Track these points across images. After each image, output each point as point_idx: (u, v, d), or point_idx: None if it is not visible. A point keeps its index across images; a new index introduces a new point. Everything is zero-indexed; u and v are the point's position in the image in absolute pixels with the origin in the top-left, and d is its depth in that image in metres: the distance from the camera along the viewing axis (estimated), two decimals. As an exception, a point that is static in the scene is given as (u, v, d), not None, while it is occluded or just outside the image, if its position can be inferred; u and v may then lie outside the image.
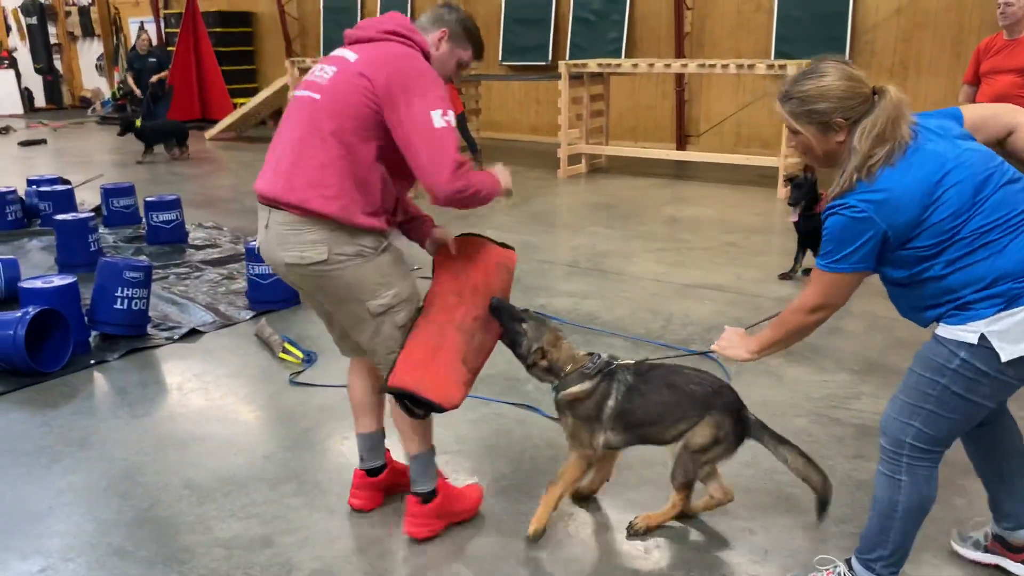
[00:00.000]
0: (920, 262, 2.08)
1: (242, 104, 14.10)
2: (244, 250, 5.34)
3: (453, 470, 3.20)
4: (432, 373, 2.54)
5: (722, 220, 7.52)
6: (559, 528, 2.84)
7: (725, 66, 8.92)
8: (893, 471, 2.24)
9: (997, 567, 2.56)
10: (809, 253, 5.60)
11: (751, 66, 8.75)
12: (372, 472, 2.94)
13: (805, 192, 5.34)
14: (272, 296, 5.16)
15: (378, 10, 14.69)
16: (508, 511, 2.94)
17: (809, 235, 5.52)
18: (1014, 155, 2.24)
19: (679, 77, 11.38)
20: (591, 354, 2.80)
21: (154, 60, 12.63)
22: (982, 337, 2.01)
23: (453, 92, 9.97)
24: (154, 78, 12.51)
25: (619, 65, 10.03)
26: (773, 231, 7.00)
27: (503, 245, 2.83)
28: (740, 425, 2.71)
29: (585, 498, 3.01)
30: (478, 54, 2.73)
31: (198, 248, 6.71)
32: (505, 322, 2.73)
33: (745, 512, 2.91)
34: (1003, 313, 2.00)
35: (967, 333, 2.04)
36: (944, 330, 2.10)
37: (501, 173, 2.67)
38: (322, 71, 2.53)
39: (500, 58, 13.36)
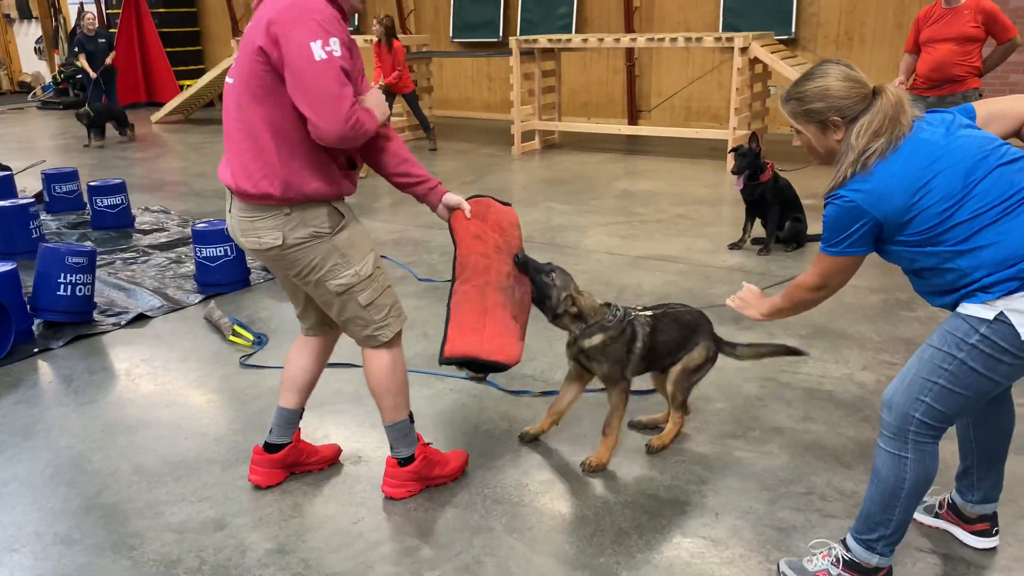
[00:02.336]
0: (923, 245, 2.10)
1: (189, 86, 13.77)
2: (192, 233, 5.24)
3: (407, 446, 3.20)
4: (488, 335, 2.64)
5: (673, 193, 7.58)
6: (512, 496, 2.85)
7: (674, 40, 8.95)
8: (899, 448, 2.20)
9: (946, 532, 2.60)
10: (758, 222, 5.69)
11: (699, 39, 8.78)
12: (272, 448, 2.92)
13: (749, 161, 5.42)
14: (221, 279, 5.08)
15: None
16: (461, 483, 2.95)
17: (755, 204, 5.60)
18: None
19: (629, 52, 11.40)
20: (608, 304, 3.03)
21: (103, 41, 12.19)
22: (1001, 314, 2.02)
23: (405, 71, 9.86)
24: (108, 59, 12.02)
25: (569, 41, 10.01)
26: (723, 202, 7.08)
27: (503, 203, 2.91)
28: (717, 344, 3.16)
29: (534, 439, 3.21)
30: None
31: (145, 232, 6.57)
32: (533, 275, 2.89)
33: (695, 476, 2.96)
34: (1021, 293, 2.00)
35: (986, 309, 2.04)
36: (964, 307, 2.10)
37: (373, 98, 2.56)
38: (236, 52, 2.49)
39: (451, 35, 13.24)
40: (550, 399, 3.55)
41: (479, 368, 2.71)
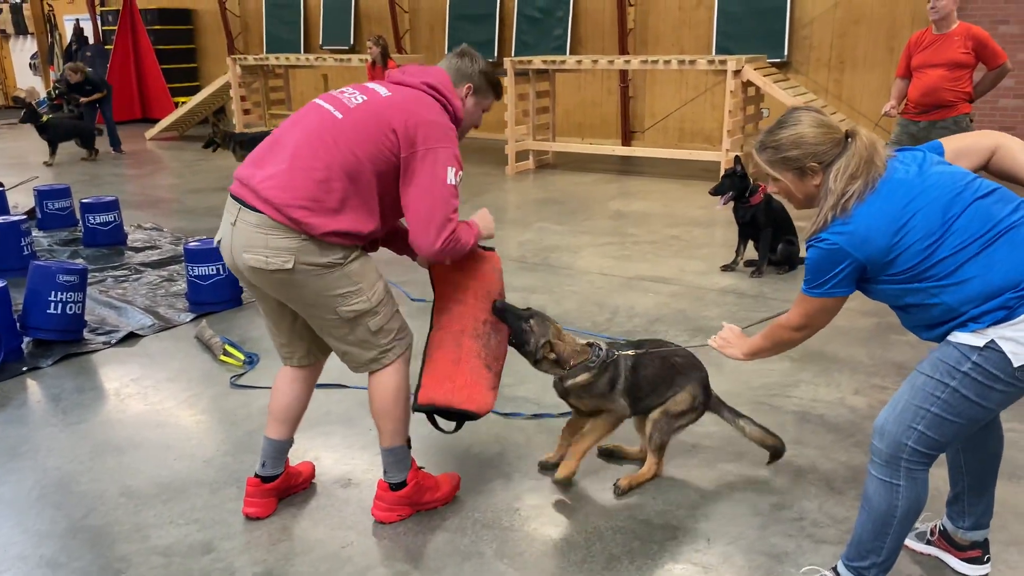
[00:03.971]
0: (907, 282, 2.12)
1: (183, 103, 13.80)
2: (184, 251, 5.22)
3: (398, 468, 3.18)
4: (459, 384, 2.66)
5: (666, 214, 7.60)
6: (502, 521, 2.83)
7: (667, 62, 9.02)
8: (891, 476, 2.20)
9: (937, 559, 2.59)
10: (751, 244, 5.71)
11: (692, 62, 8.86)
12: (267, 479, 2.89)
13: (733, 183, 5.46)
14: (213, 298, 5.07)
15: (321, 6, 14.52)
16: (452, 508, 2.93)
17: (748, 226, 5.63)
18: (1000, 175, 2.28)
19: (623, 73, 11.47)
20: (590, 345, 2.99)
21: (89, 88, 11.55)
22: (991, 342, 2.03)
23: None
24: (84, 100, 11.67)
25: (564, 62, 10.08)
26: (715, 224, 7.10)
27: (485, 248, 2.89)
28: (707, 396, 3.09)
29: (554, 467, 3.12)
30: (499, 96, 2.87)
31: (137, 250, 6.56)
32: (511, 322, 2.86)
33: (687, 500, 2.95)
34: (1009, 322, 2.02)
35: (977, 338, 2.05)
36: (955, 336, 2.11)
37: (483, 219, 2.80)
38: (352, 94, 2.58)
39: (446, 54, 13.29)
40: (542, 422, 3.54)
41: (451, 417, 2.73)
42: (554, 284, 5.49)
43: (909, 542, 2.64)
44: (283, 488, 2.95)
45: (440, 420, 2.86)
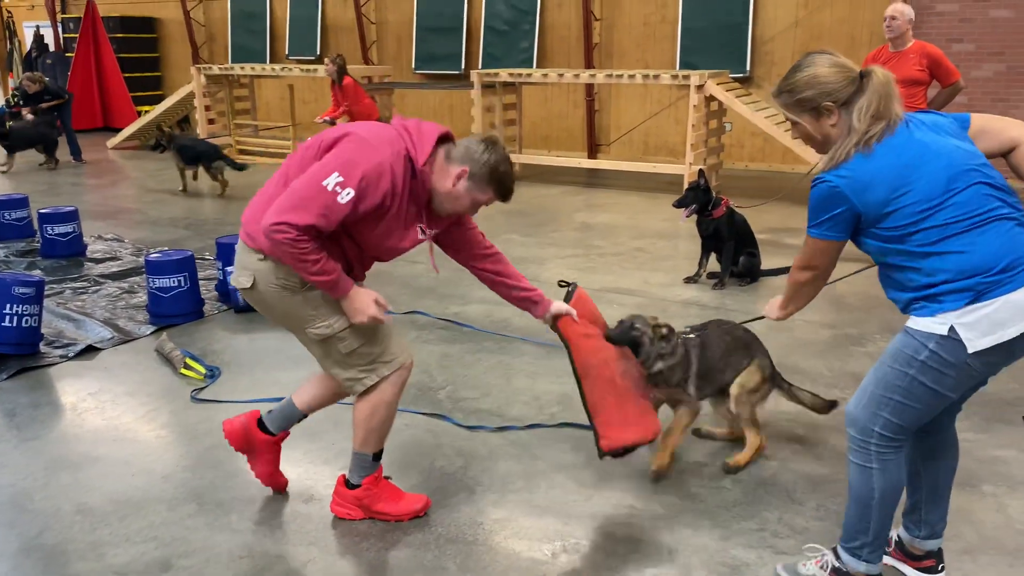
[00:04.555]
0: (892, 242, 2.19)
1: (147, 112, 13.63)
2: (144, 263, 5.15)
3: (361, 483, 3.16)
4: (632, 423, 2.98)
5: (631, 226, 7.67)
6: (466, 535, 2.83)
7: (632, 76, 9.11)
8: (864, 460, 2.32)
9: (894, 569, 2.64)
10: (713, 256, 5.77)
11: (656, 76, 8.96)
12: (270, 432, 3.00)
13: (697, 196, 5.53)
14: (174, 310, 5.00)
15: (287, 16, 14.46)
16: (415, 522, 2.91)
17: (710, 239, 5.69)
18: (1015, 170, 2.33)
19: (589, 87, 11.56)
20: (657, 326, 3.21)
21: (48, 97, 11.44)
22: (951, 329, 2.11)
23: (361, 105, 9.89)
24: (44, 105, 11.47)
25: (530, 75, 10.13)
26: (679, 236, 7.17)
27: (572, 286, 3.21)
28: (773, 366, 3.38)
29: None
30: (503, 197, 2.71)
31: (97, 261, 6.45)
32: (622, 340, 3.13)
33: (650, 512, 2.97)
34: (972, 306, 2.09)
35: (937, 324, 2.13)
36: (914, 322, 2.20)
37: (363, 299, 2.60)
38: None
39: (413, 67, 13.31)
40: (506, 434, 3.54)
41: (631, 451, 3.04)
42: (520, 296, 5.49)
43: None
44: (249, 448, 3.03)
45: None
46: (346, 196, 2.42)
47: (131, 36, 15.98)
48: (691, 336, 3.25)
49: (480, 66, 12.30)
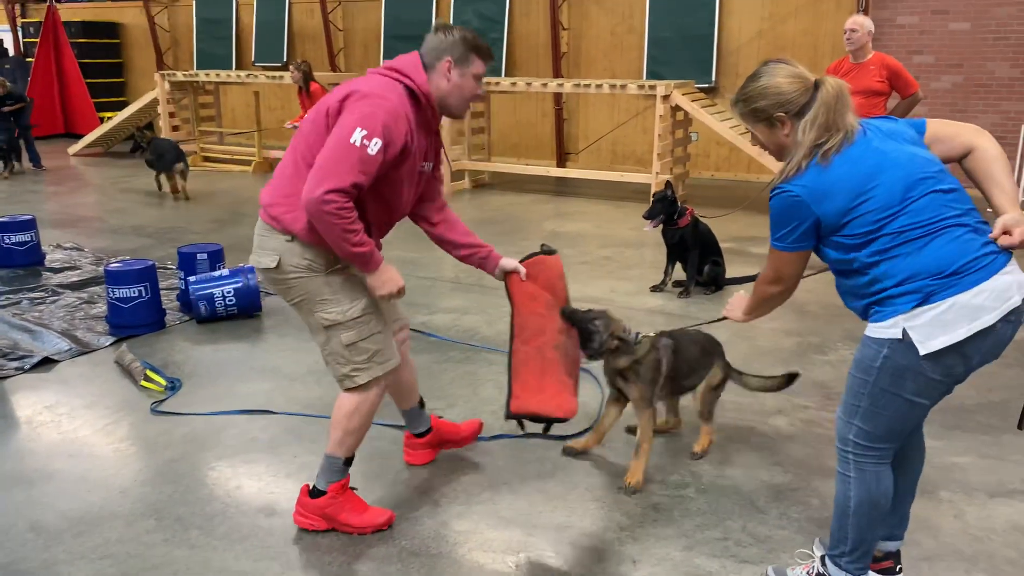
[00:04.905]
0: (850, 250, 2.21)
1: (109, 118, 13.43)
2: (104, 272, 5.06)
3: (324, 496, 3.12)
4: (548, 394, 2.89)
5: (599, 235, 7.70)
6: (430, 548, 2.81)
7: (599, 86, 9.16)
8: (844, 468, 2.37)
9: None
10: (679, 265, 5.81)
11: (623, 86, 9.02)
12: (418, 435, 3.30)
13: (662, 207, 5.56)
14: (134, 321, 4.91)
15: (254, 23, 14.35)
16: (380, 537, 2.88)
17: (676, 248, 5.73)
18: (971, 175, 2.32)
19: (557, 96, 11.61)
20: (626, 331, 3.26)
21: (11, 102, 11.25)
22: (904, 332, 2.14)
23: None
24: (7, 109, 11.26)
25: (499, 83, 10.14)
26: (646, 245, 7.21)
27: (548, 252, 3.13)
28: (727, 363, 3.51)
29: (578, 454, 3.45)
30: (488, 57, 2.77)
31: (55, 271, 6.32)
32: (579, 324, 3.10)
33: (614, 522, 2.97)
34: (921, 308, 2.12)
35: (890, 329, 2.17)
36: (871, 329, 2.24)
37: (392, 271, 2.71)
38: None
39: (381, 74, 13.26)
40: (471, 445, 3.52)
41: (541, 420, 2.96)
42: (487, 305, 5.49)
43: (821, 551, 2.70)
44: (437, 441, 3.34)
45: (528, 423, 3.06)
46: (375, 147, 2.48)
47: (94, 41, 15.74)
48: (664, 339, 3.30)
49: (448, 74, 12.29)
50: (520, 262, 3.09)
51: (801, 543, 2.82)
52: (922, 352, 2.13)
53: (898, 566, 2.61)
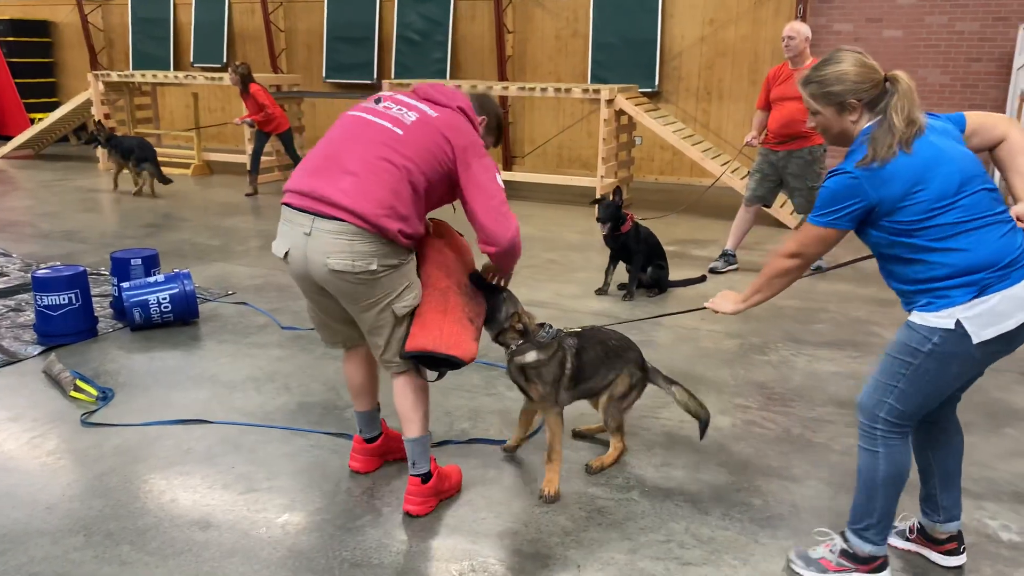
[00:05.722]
0: (898, 234, 2.31)
1: (40, 119, 12.98)
2: (32, 279, 4.86)
3: (263, 507, 3.04)
4: (446, 332, 2.81)
5: (545, 238, 7.70)
6: (372, 559, 2.75)
7: (544, 90, 9.18)
8: (871, 444, 2.48)
9: (918, 555, 2.79)
10: (623, 266, 5.84)
11: (568, 90, 9.05)
12: (369, 440, 3.28)
13: (612, 212, 5.59)
14: (64, 329, 4.73)
15: (192, 22, 14.03)
16: (319, 546, 2.82)
17: (618, 251, 5.76)
18: (998, 163, 2.48)
19: (503, 99, 11.59)
20: (541, 324, 3.21)
21: None
22: (957, 323, 2.26)
23: (276, 110, 9.65)
24: None
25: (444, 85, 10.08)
26: (591, 248, 7.24)
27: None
28: (644, 372, 3.41)
29: (514, 450, 3.48)
30: (499, 142, 3.25)
31: (-19, 278, 6.07)
32: (486, 292, 3.09)
33: (559, 528, 2.95)
34: (976, 300, 2.25)
35: (944, 320, 2.28)
36: (918, 317, 2.34)
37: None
38: (400, 111, 2.84)
39: (324, 75, 13.10)
40: (415, 452, 3.47)
41: (436, 364, 2.89)
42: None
43: (892, 540, 2.82)
44: (384, 450, 3.34)
45: (425, 370, 3.01)
46: (500, 180, 2.90)
47: (23, 40, 15.18)
48: (569, 338, 3.26)
49: (392, 76, 12.20)
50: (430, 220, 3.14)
51: (744, 544, 2.85)
52: (975, 341, 2.27)
53: (962, 546, 2.73)
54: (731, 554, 2.80)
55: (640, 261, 5.73)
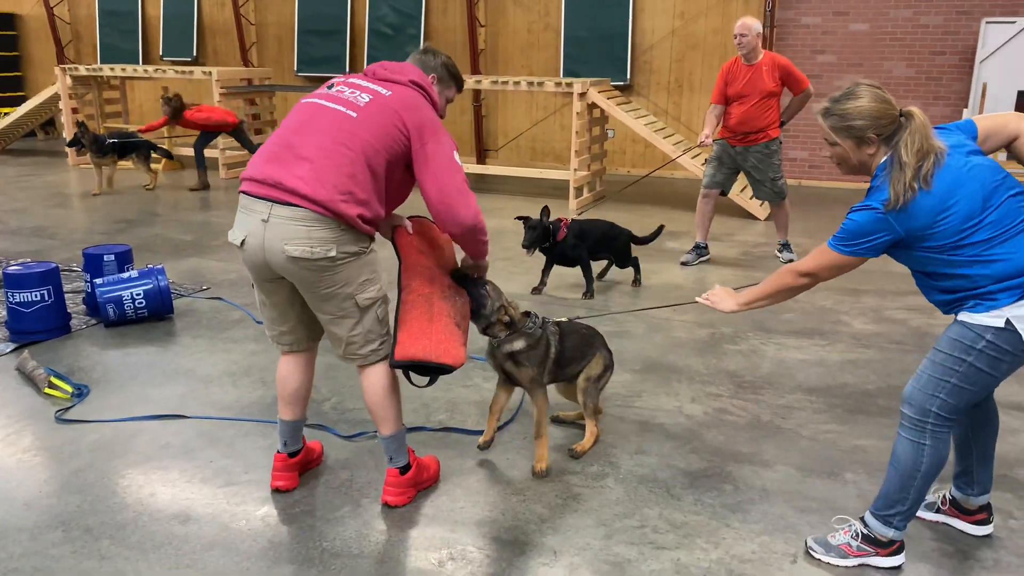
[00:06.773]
0: (933, 252, 2.39)
1: (7, 114, 12.78)
2: (2, 276, 4.82)
3: (242, 500, 3.07)
4: (435, 340, 2.82)
5: (519, 231, 7.67)
6: (352, 549, 2.79)
7: (517, 83, 9.21)
8: (918, 437, 2.54)
9: (947, 525, 2.92)
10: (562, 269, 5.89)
11: (540, 84, 9.09)
12: (292, 454, 3.15)
13: (538, 235, 5.50)
14: (36, 326, 4.70)
15: (161, 15, 13.88)
16: (300, 539, 2.85)
17: (559, 259, 5.73)
18: (1017, 157, 2.56)
19: (476, 93, 11.61)
20: (527, 314, 3.30)
21: None
22: (1007, 321, 2.35)
23: (215, 112, 9.73)
24: None
25: (416, 79, 10.08)
26: (566, 241, 7.29)
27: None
28: (611, 354, 3.58)
29: (488, 445, 3.44)
30: (460, 87, 3.16)
31: (-51, 275, 5.99)
32: (470, 288, 3.12)
33: (535, 515, 3.01)
34: (1022, 301, 2.34)
35: (995, 319, 2.36)
36: (969, 317, 2.42)
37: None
38: (354, 93, 2.80)
39: (295, 69, 13.03)
40: (392, 444, 3.51)
41: (427, 372, 2.88)
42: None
43: (921, 512, 2.94)
44: (304, 462, 3.23)
45: (415, 376, 2.97)
46: (458, 159, 2.85)
47: (-13, 33, 14.95)
48: (552, 326, 3.37)
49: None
50: (408, 219, 3.12)
51: (716, 528, 2.92)
52: None
53: (990, 516, 2.87)
54: (703, 538, 2.87)
55: (586, 260, 5.68)
